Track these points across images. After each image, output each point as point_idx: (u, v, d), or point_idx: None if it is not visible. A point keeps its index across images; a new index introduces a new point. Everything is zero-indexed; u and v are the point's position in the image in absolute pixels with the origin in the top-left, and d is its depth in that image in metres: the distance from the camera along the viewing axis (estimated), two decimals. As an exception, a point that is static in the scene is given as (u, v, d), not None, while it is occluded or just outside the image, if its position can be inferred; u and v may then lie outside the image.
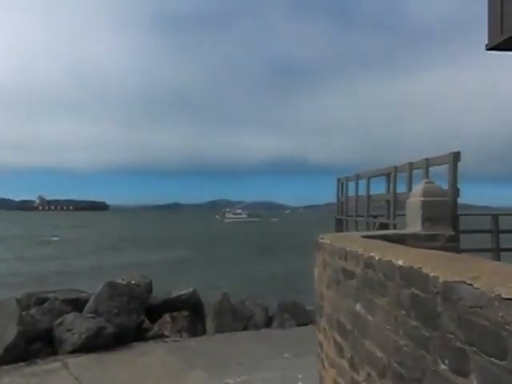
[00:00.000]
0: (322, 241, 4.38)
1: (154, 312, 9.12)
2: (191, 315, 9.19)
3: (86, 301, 8.72)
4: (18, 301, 7.76)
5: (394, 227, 6.84)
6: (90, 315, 7.75)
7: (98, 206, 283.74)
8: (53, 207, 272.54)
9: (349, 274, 3.38)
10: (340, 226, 12.36)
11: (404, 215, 9.01)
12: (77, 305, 8.70)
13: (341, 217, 12.30)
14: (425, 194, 5.67)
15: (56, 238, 52.55)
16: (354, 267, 3.27)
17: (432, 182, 5.93)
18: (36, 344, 7.41)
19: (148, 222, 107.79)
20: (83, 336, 7.20)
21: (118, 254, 37.15)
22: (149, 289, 9.48)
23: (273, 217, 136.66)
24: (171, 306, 9.26)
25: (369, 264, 2.94)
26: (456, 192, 6.15)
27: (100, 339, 7.32)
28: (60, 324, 7.58)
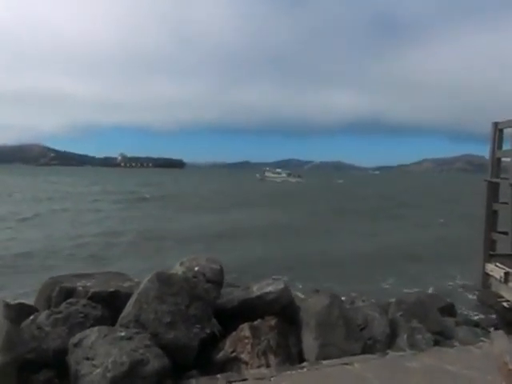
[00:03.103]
0: None
1: (226, 319, 6.01)
2: (281, 326, 5.96)
3: (128, 296, 5.81)
4: (7, 306, 4.90)
5: None
6: (123, 333, 4.76)
7: (176, 164, 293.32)
8: (133, 164, 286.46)
9: None
10: (495, 192, 8.36)
11: None
12: (113, 304, 5.81)
13: (497, 180, 8.26)
14: None
15: (147, 196, 52.27)
16: None
17: None
18: (41, 374, 4.62)
19: (213, 180, 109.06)
20: (109, 375, 4.23)
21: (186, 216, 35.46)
22: (219, 281, 6.35)
23: (340, 178, 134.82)
24: (251, 310, 6.08)
25: None
26: None
27: (137, 380, 4.32)
28: (77, 345, 4.69)
